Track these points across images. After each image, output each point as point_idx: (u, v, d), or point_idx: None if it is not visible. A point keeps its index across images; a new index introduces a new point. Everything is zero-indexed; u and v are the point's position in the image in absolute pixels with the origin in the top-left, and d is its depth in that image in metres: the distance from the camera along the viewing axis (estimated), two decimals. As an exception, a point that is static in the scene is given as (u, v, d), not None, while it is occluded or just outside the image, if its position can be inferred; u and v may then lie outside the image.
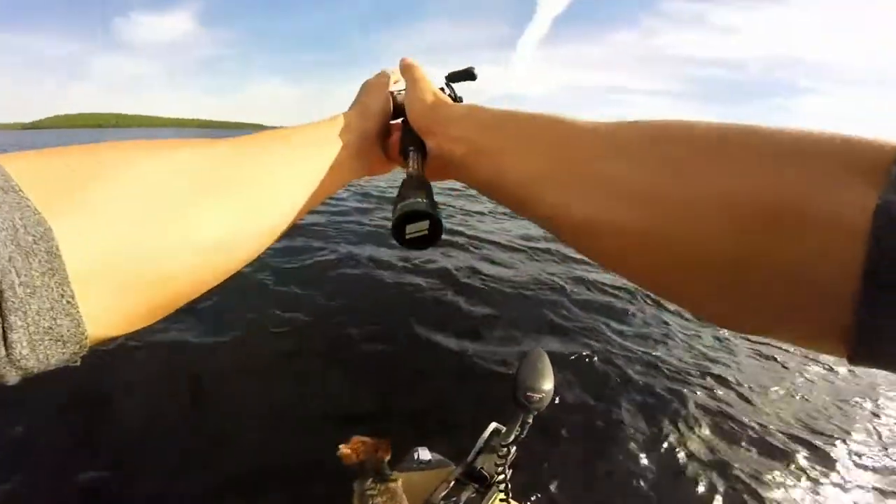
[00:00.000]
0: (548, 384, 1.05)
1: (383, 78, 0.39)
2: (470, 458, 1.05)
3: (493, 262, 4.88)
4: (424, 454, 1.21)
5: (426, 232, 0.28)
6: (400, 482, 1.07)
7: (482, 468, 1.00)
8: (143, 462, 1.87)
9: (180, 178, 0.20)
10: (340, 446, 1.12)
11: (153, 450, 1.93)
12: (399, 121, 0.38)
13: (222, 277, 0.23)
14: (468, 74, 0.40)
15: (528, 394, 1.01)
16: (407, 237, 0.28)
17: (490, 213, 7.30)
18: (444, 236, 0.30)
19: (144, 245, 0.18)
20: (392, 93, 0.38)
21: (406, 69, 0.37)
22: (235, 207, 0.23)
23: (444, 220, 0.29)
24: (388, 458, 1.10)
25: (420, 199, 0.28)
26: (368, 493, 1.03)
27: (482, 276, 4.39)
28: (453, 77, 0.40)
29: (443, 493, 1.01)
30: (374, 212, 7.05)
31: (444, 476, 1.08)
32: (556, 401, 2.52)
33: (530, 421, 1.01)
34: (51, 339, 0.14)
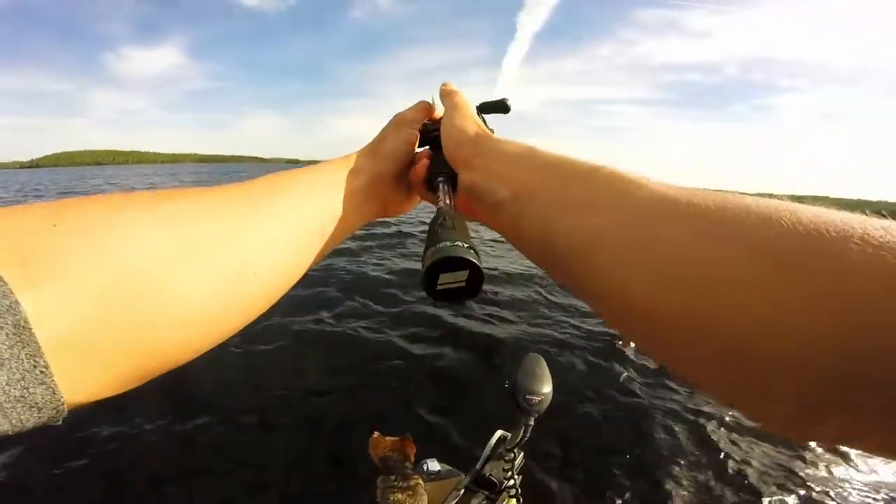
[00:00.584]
0: (546, 387, 1.06)
1: (416, 113, 0.35)
2: (478, 466, 1.06)
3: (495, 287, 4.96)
4: (433, 465, 1.22)
5: (464, 283, 0.23)
6: (421, 482, 1.08)
7: (491, 475, 1.01)
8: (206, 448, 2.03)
9: (165, 240, 0.19)
10: (373, 436, 1.15)
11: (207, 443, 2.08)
12: (425, 149, 0.35)
13: (213, 345, 0.22)
14: (501, 106, 0.37)
15: (528, 397, 1.02)
16: (439, 288, 0.23)
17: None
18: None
19: (125, 317, 0.17)
20: (426, 122, 0.36)
21: (446, 95, 0.34)
22: (226, 274, 0.21)
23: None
24: (413, 455, 1.13)
25: (459, 243, 0.22)
26: (391, 487, 1.05)
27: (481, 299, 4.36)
28: (485, 108, 0.37)
29: (454, 502, 1.02)
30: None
31: (454, 485, 1.10)
32: (565, 405, 2.57)
33: (531, 423, 1.01)
34: (24, 406, 0.14)
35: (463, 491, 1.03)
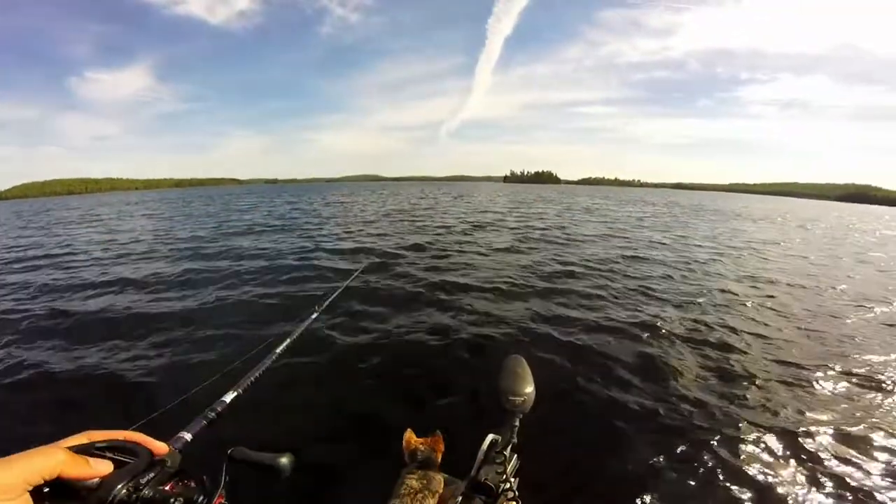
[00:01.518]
0: (528, 387, 1.09)
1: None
2: (473, 471, 1.05)
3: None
4: None
5: None
6: (441, 477, 1.15)
7: (486, 479, 1.00)
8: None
9: None
10: (406, 433, 1.25)
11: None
12: None
13: None
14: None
15: (510, 398, 1.06)
16: None
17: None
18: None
19: None
20: None
21: None
22: None
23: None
24: (441, 451, 1.23)
25: None
26: (408, 475, 1.12)
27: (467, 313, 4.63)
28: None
29: None
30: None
31: (450, 493, 1.11)
32: (558, 405, 2.65)
33: (516, 424, 1.05)
34: None
35: (461, 498, 1.02)
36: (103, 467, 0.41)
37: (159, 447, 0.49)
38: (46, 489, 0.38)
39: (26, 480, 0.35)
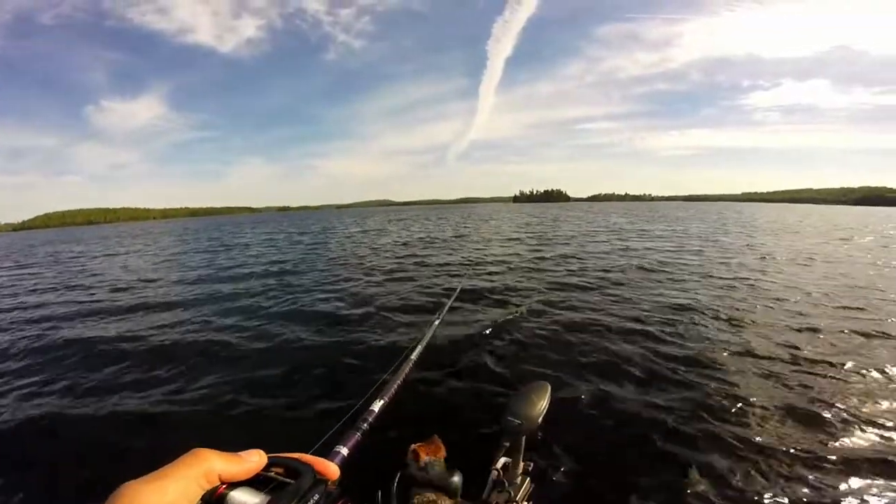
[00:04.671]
0: (532, 412, 1.08)
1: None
2: (485, 494, 1.07)
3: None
4: None
5: None
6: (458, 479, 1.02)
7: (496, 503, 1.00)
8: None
9: None
10: (413, 447, 1.07)
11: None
12: None
13: None
14: None
15: (508, 418, 1.09)
16: None
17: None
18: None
19: None
20: None
21: None
22: None
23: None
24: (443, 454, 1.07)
25: None
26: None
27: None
28: None
29: None
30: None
31: None
32: (577, 432, 2.62)
33: (507, 444, 1.08)
34: None
35: None
36: (256, 457, 0.38)
37: (332, 469, 0.43)
38: None
39: (186, 496, 0.31)
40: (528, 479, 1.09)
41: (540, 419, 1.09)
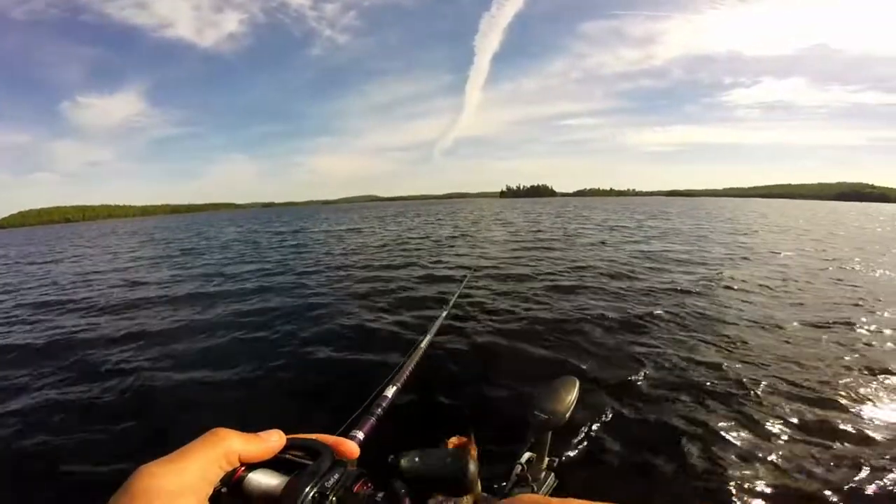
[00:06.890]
0: (559, 407, 1.05)
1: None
2: (507, 488, 1.04)
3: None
4: None
5: None
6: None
7: None
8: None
9: None
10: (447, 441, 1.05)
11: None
12: None
13: None
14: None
15: (535, 413, 1.04)
16: None
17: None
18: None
19: None
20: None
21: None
22: None
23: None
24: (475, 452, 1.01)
25: None
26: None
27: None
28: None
29: None
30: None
31: None
32: (610, 429, 2.55)
33: (532, 440, 1.06)
34: None
35: None
36: (276, 437, 0.35)
37: (353, 448, 0.40)
38: (223, 489, 0.31)
39: (205, 478, 0.29)
40: (553, 475, 1.06)
41: (567, 415, 1.06)
